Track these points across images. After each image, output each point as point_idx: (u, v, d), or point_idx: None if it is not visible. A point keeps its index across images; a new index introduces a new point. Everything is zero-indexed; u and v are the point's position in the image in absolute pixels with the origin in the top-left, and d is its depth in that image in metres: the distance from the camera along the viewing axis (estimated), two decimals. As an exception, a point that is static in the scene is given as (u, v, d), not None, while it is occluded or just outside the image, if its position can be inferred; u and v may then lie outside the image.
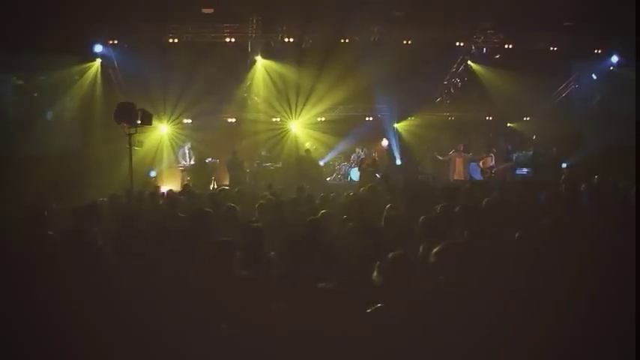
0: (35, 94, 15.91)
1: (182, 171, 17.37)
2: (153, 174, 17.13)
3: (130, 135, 9.88)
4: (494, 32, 17.43)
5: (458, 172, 16.27)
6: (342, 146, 19.29)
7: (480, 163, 17.27)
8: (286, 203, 9.18)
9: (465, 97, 19.49)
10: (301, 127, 18.97)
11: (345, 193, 10.42)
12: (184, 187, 12.49)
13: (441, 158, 17.00)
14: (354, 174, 18.64)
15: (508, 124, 20.80)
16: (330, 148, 19.40)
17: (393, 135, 19.97)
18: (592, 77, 19.05)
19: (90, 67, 15.92)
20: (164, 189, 13.19)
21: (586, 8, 15.43)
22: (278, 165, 18.26)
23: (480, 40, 17.72)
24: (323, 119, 19.36)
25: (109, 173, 13.78)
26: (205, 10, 14.85)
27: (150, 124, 10.17)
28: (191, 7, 15.48)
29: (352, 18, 16.07)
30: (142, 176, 15.31)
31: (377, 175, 15.08)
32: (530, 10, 16.12)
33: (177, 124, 18.05)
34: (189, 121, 18.60)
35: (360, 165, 16.51)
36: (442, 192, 9.01)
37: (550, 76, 18.63)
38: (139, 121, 9.82)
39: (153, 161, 17.10)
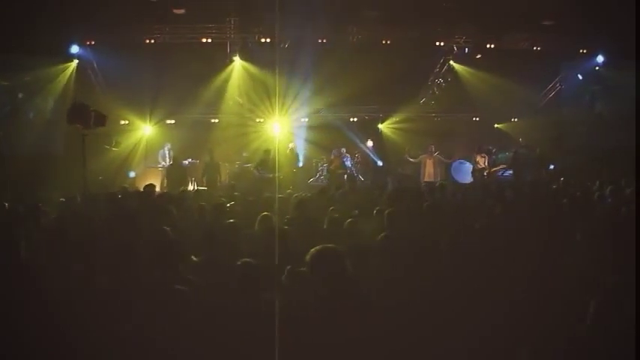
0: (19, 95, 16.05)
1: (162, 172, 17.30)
2: (132, 174, 17.11)
3: (83, 136, 9.80)
4: (476, 32, 17.26)
5: (428, 174, 16.00)
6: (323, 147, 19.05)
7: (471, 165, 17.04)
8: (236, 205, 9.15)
9: (449, 98, 19.34)
10: (284, 128, 18.82)
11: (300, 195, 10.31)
12: (146, 187, 12.30)
13: (412, 160, 16.79)
14: (337, 175, 18.44)
15: (495, 126, 20.59)
16: (313, 149, 19.24)
17: (377, 136, 19.89)
18: (578, 78, 18.83)
19: (67, 68, 15.93)
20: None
21: (568, 8, 15.27)
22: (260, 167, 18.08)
23: (461, 41, 17.56)
24: (306, 120, 19.26)
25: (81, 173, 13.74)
26: (176, 11, 14.81)
27: (103, 125, 10.06)
28: (169, 8, 15.54)
29: (330, 18, 16.04)
30: (111, 177, 15.39)
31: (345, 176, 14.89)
32: (511, 10, 15.99)
33: (159, 124, 18.00)
34: (173, 121, 18.63)
35: (329, 166, 16.31)
36: (389, 195, 8.92)
37: (535, 77, 18.42)
38: (92, 122, 9.74)
39: (128, 161, 17.06)
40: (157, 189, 14.07)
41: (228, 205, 9.24)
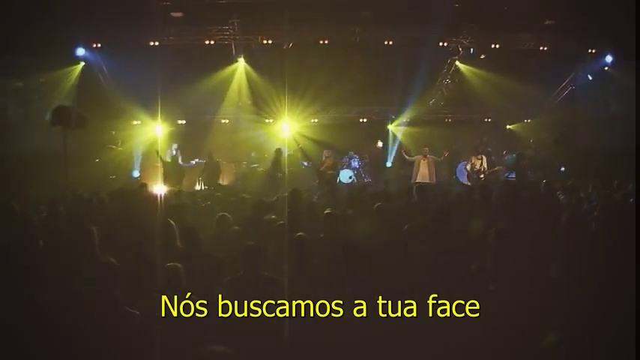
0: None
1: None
2: (136, 174, 17.51)
3: (64, 137, 10.17)
4: (480, 32, 17.08)
5: (422, 174, 15.82)
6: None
7: (467, 166, 16.84)
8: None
9: (459, 99, 19.20)
10: (293, 129, 18.89)
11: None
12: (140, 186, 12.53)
13: (407, 158, 16.70)
14: (344, 176, 18.46)
15: (507, 127, 20.33)
16: (321, 149, 19.25)
17: (387, 136, 19.87)
18: (588, 78, 18.42)
19: (73, 70, 16.42)
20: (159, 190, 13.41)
21: (574, 8, 15.03)
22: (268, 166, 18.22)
23: (466, 41, 17.40)
24: (316, 121, 19.35)
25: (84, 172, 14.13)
26: (174, 14, 15.09)
27: (85, 126, 10.43)
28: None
29: (333, 19, 16.13)
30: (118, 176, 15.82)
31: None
32: (515, 10, 15.81)
33: (169, 124, 18.30)
34: (184, 121, 18.99)
35: (319, 168, 16.27)
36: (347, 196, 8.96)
37: (544, 77, 18.06)
38: (74, 124, 10.09)
39: (134, 161, 17.46)
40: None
41: (203, 204, 9.51)
